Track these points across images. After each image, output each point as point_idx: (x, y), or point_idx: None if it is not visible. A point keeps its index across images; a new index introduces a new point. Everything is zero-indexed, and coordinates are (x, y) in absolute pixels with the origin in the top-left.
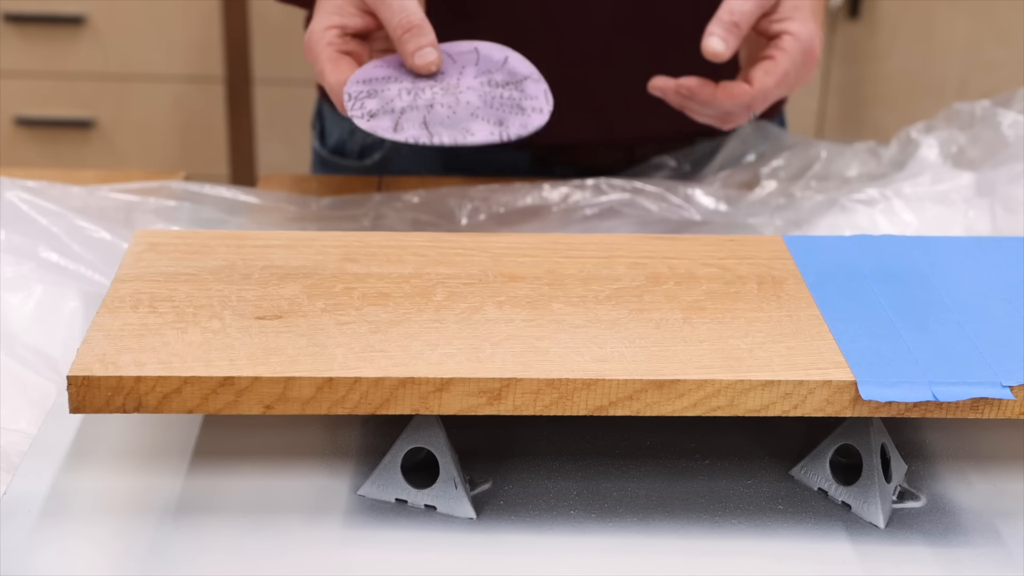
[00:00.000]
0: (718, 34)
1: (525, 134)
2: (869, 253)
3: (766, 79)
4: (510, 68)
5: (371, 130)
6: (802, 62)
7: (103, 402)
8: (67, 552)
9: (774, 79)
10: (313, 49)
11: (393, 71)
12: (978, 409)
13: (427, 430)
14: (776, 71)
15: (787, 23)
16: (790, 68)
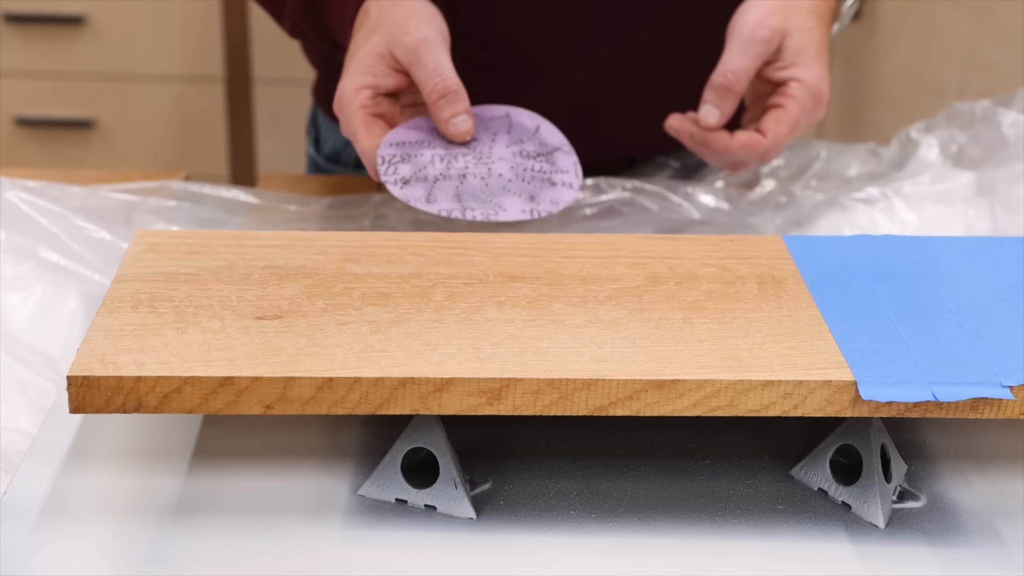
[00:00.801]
0: (710, 102)
1: (555, 211)
2: (869, 253)
3: (778, 129)
4: (541, 138)
5: (404, 199)
6: (811, 107)
7: (103, 402)
8: (67, 552)
9: (786, 128)
10: (345, 110)
11: (426, 135)
12: (978, 409)
13: (427, 430)
14: (787, 120)
15: (793, 69)
16: (800, 115)
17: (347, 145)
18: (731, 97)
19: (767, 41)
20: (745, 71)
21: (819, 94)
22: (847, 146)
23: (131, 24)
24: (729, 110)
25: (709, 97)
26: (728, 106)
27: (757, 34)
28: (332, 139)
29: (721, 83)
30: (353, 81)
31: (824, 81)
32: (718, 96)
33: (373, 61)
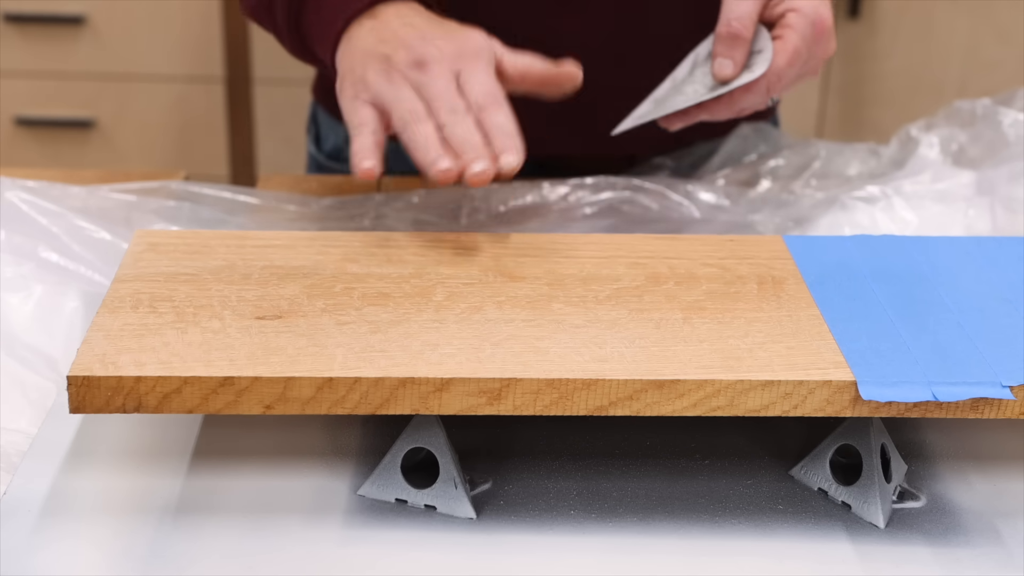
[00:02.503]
0: (721, 54)
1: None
2: (869, 253)
3: (777, 60)
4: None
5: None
6: (812, 35)
7: (103, 402)
8: (67, 552)
9: (785, 58)
10: (486, 52)
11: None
12: (978, 409)
13: (427, 430)
14: (786, 49)
15: (788, 1)
16: (799, 44)
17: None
18: (740, 44)
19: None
20: (748, 15)
21: (818, 21)
22: (847, 145)
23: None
24: (741, 58)
25: (719, 50)
26: (740, 54)
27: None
28: (333, 136)
29: (727, 32)
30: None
31: (823, 8)
32: (727, 46)
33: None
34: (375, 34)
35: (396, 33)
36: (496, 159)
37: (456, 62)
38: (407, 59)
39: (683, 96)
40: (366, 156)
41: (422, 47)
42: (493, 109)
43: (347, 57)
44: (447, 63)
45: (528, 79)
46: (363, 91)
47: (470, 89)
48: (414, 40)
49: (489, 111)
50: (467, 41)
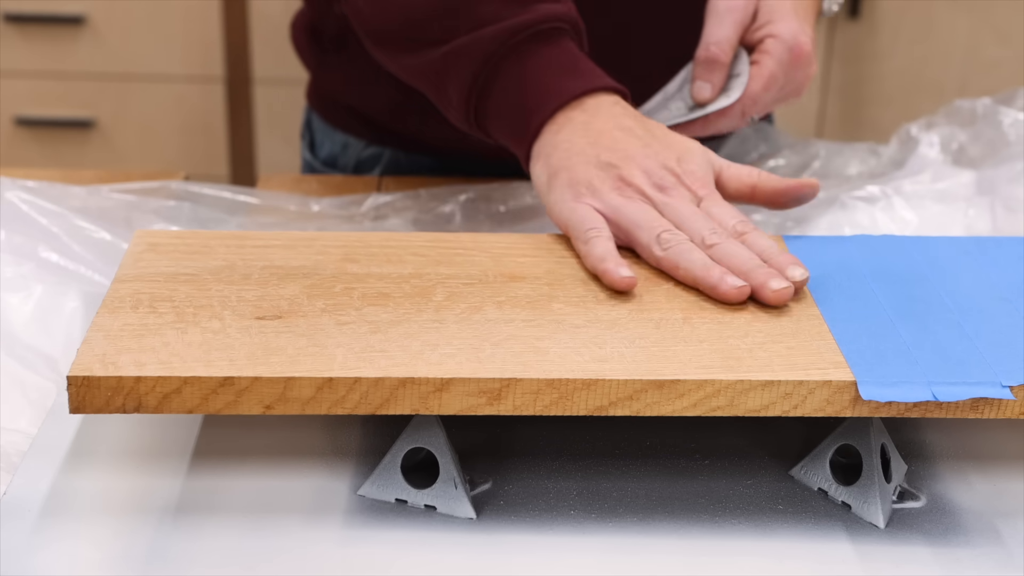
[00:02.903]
0: (700, 77)
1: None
2: (869, 253)
3: (752, 85)
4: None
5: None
6: (789, 60)
7: (103, 402)
8: (67, 552)
9: (760, 83)
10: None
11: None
12: (978, 409)
13: (427, 430)
14: (762, 75)
15: (768, 27)
16: (775, 69)
17: (344, 149)
18: (718, 68)
19: (743, 8)
20: (727, 39)
21: (795, 47)
22: (847, 145)
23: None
24: (719, 81)
25: (698, 72)
26: (717, 78)
27: (731, 3)
28: (328, 143)
29: (705, 56)
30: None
31: (802, 35)
32: (706, 70)
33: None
34: (590, 134)
35: (615, 139)
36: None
37: (693, 186)
38: (646, 180)
39: (667, 112)
40: (622, 263)
41: (657, 168)
42: (754, 233)
43: (558, 153)
44: (686, 189)
45: (760, 193)
46: (589, 197)
47: (718, 215)
48: (643, 155)
49: (751, 235)
50: (692, 157)
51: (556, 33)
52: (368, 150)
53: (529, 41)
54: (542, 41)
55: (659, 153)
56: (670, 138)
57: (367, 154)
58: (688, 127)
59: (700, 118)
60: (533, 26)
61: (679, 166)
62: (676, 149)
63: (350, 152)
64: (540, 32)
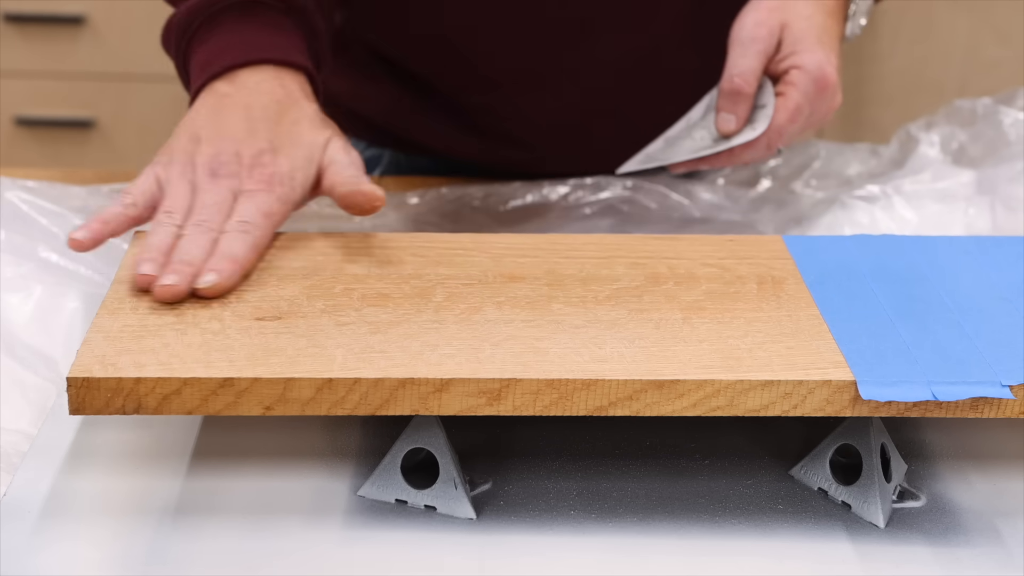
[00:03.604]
0: (725, 109)
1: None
2: (869, 253)
3: (777, 117)
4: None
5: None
6: (814, 91)
7: (103, 403)
8: (67, 553)
9: (786, 115)
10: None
11: None
12: (978, 409)
13: (427, 430)
14: (787, 107)
15: (792, 58)
16: (801, 101)
17: None
18: (743, 100)
19: (767, 38)
20: (751, 71)
21: (820, 78)
22: (847, 145)
23: (131, 24)
24: (744, 113)
25: (722, 104)
26: (742, 109)
27: (756, 33)
28: None
29: (729, 88)
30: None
31: (828, 65)
32: (730, 101)
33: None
34: (214, 108)
35: (228, 117)
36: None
37: (248, 181)
38: (206, 161)
39: (691, 141)
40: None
41: (228, 153)
42: (235, 234)
43: (182, 121)
44: (235, 180)
45: (335, 194)
46: (161, 165)
47: (235, 212)
48: (232, 137)
49: (229, 236)
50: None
51: (252, 5)
52: (368, 152)
53: (220, 13)
54: (233, 12)
55: (251, 139)
56: (286, 127)
57: (367, 156)
58: (714, 159)
59: (725, 151)
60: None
61: (257, 157)
62: (277, 141)
63: None
64: (234, 4)
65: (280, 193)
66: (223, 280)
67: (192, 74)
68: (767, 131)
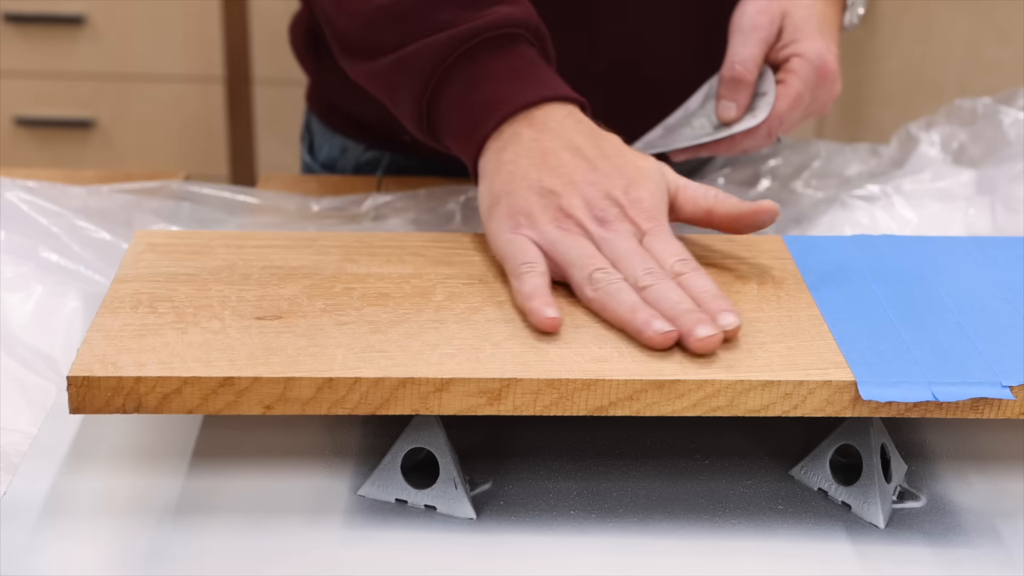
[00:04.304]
0: (725, 97)
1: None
2: (869, 253)
3: (779, 104)
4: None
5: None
6: (815, 79)
7: (103, 402)
8: (67, 552)
9: (787, 103)
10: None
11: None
12: (978, 409)
13: (427, 430)
14: (788, 95)
15: (793, 46)
16: (802, 89)
17: (343, 153)
18: (743, 87)
19: (767, 26)
20: (752, 58)
21: (821, 66)
22: (847, 145)
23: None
24: (744, 101)
25: (723, 92)
26: (743, 97)
27: (756, 21)
28: (327, 146)
29: (730, 75)
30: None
31: (829, 53)
32: (731, 89)
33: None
34: (535, 155)
35: (560, 162)
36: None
37: (640, 220)
38: (586, 212)
39: (691, 129)
40: (549, 303)
41: (600, 198)
42: (693, 274)
43: (501, 176)
44: (627, 223)
45: (716, 217)
46: (527, 228)
47: (661, 253)
48: (587, 181)
49: (689, 276)
50: (644, 183)
51: (510, 39)
52: (367, 154)
53: (480, 48)
54: (494, 48)
55: (605, 178)
56: (623, 158)
57: (366, 158)
58: (714, 147)
59: (726, 138)
60: (485, 32)
61: (626, 195)
62: (627, 173)
63: (349, 156)
64: (493, 38)
65: (667, 223)
66: (738, 318)
67: (456, 118)
68: (768, 119)
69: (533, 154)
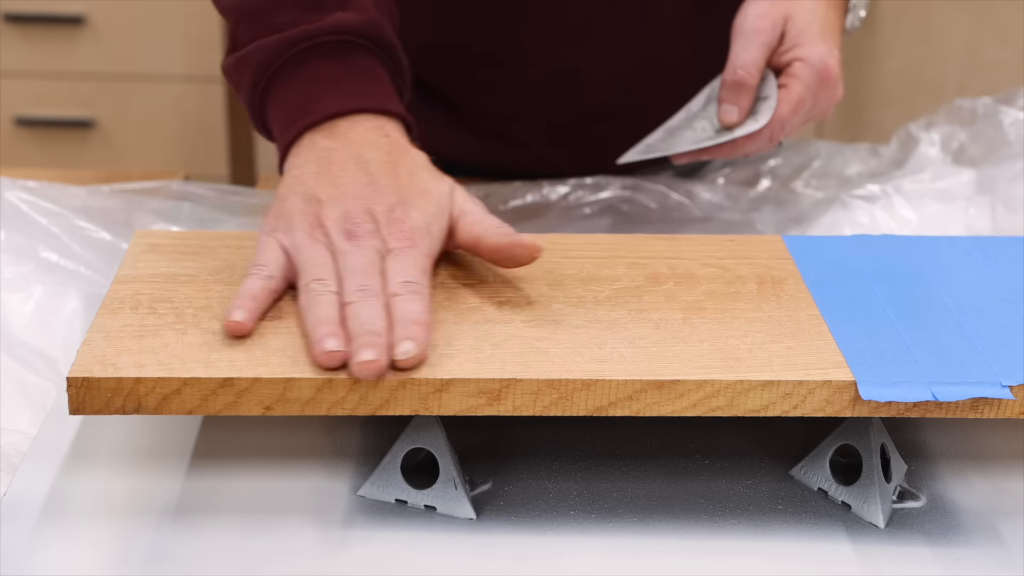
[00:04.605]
0: (727, 100)
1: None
2: (869, 253)
3: (780, 109)
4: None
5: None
6: (817, 84)
7: (103, 403)
8: (67, 553)
9: (789, 107)
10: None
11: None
12: (978, 409)
13: (427, 430)
14: (790, 99)
15: (796, 50)
16: (804, 93)
17: None
18: (745, 91)
19: (770, 30)
20: (754, 62)
21: (823, 70)
22: (847, 145)
23: (131, 24)
24: (746, 104)
25: (725, 95)
26: (744, 101)
27: (758, 25)
28: None
29: (732, 80)
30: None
31: (831, 58)
32: (733, 93)
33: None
34: (322, 164)
35: (343, 173)
36: (392, 348)
37: (390, 239)
38: (339, 224)
39: (692, 132)
40: (241, 305)
41: (359, 212)
42: (408, 296)
43: (285, 180)
44: (376, 240)
45: (482, 247)
46: (283, 232)
47: (393, 273)
48: (356, 194)
49: (403, 298)
50: (420, 204)
51: (341, 46)
52: None
53: (308, 53)
54: (323, 54)
55: (377, 194)
56: (413, 177)
57: None
58: (715, 151)
59: (727, 142)
60: (315, 37)
61: (389, 213)
62: (404, 192)
63: None
64: (323, 44)
65: (424, 247)
66: (420, 348)
67: (275, 121)
68: (770, 123)
69: (321, 163)
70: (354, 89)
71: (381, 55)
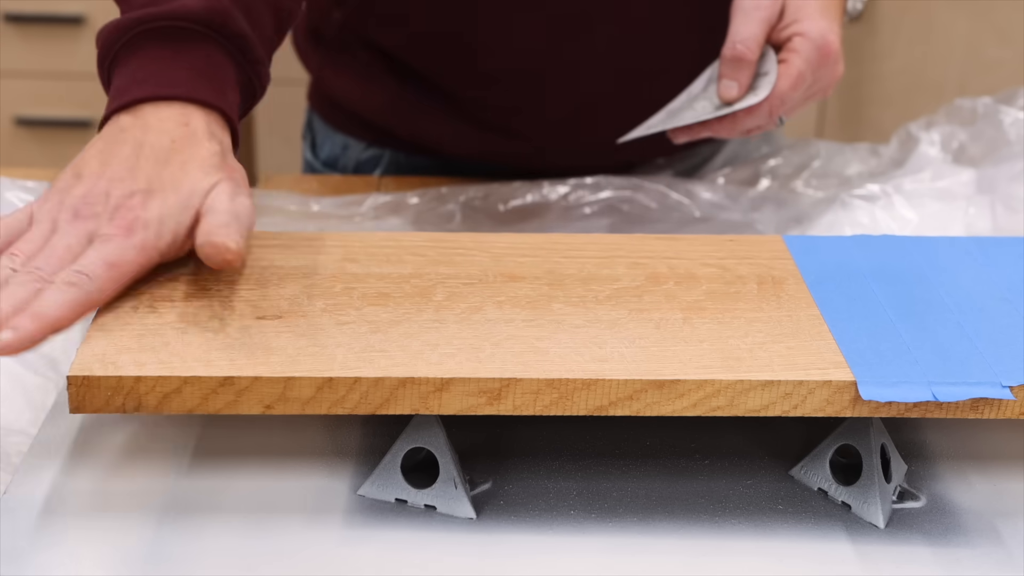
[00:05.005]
0: (727, 76)
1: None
2: (869, 253)
3: (780, 84)
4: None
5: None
6: (817, 59)
7: (103, 402)
8: (67, 552)
9: (788, 82)
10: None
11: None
12: (978, 409)
13: (427, 430)
14: (790, 74)
15: (795, 25)
16: (804, 68)
17: (344, 150)
18: (745, 67)
19: (769, 6)
20: (753, 37)
21: (824, 46)
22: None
23: None
24: (746, 80)
25: (724, 71)
26: (744, 76)
27: (759, 1)
28: (329, 144)
29: (732, 55)
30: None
31: (831, 33)
32: (732, 68)
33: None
34: (109, 145)
35: (117, 155)
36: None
37: (107, 225)
38: (74, 201)
39: (692, 111)
40: None
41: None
42: (59, 287)
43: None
44: (94, 223)
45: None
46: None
47: (80, 261)
48: (111, 177)
49: (53, 288)
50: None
51: (179, 32)
52: (368, 151)
53: (146, 36)
54: (159, 38)
55: (127, 180)
56: (175, 170)
57: (367, 155)
58: (716, 126)
59: (728, 116)
60: (153, 21)
61: (127, 199)
62: (154, 184)
63: (350, 153)
64: (160, 28)
65: (139, 240)
66: (15, 342)
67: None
68: (769, 98)
69: (107, 142)
70: (172, 76)
71: (224, 44)
